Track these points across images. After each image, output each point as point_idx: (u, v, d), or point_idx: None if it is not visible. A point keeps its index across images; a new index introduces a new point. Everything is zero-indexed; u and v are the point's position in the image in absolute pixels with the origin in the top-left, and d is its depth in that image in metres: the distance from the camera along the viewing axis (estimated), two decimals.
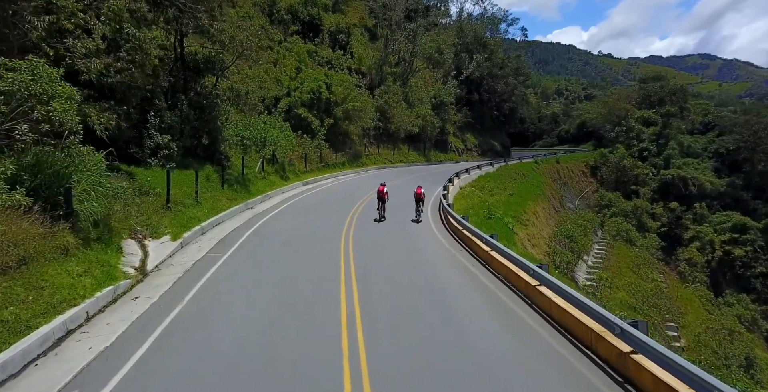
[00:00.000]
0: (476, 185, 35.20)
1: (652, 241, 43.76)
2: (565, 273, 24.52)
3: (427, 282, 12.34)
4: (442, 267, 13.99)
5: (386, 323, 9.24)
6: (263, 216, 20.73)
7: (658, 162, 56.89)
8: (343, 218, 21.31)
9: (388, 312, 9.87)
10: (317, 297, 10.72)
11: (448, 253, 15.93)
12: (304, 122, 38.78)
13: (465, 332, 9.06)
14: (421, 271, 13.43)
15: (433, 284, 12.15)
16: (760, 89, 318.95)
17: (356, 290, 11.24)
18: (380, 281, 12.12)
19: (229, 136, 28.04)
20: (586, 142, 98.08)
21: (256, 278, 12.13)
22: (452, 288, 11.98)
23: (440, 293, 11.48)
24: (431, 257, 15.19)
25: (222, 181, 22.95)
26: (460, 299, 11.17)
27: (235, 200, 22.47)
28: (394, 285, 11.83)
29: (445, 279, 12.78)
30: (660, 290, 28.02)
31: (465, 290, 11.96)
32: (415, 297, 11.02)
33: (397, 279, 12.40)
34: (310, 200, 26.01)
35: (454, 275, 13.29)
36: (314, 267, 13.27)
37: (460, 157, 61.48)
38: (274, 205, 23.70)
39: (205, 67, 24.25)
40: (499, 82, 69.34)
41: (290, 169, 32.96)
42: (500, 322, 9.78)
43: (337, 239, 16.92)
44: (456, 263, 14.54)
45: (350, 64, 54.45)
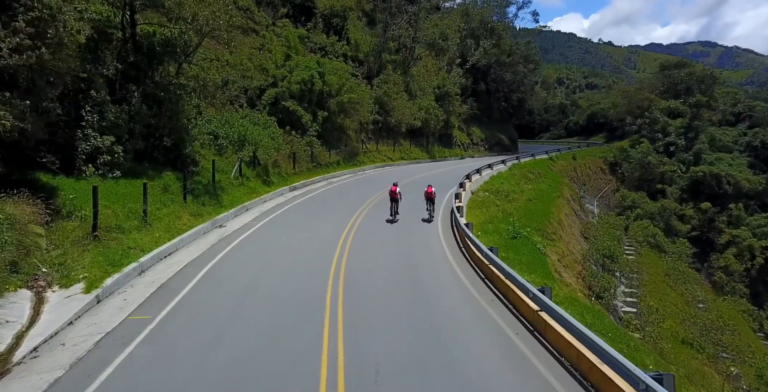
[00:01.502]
0: (490, 189, 30.77)
1: (683, 247, 39.39)
2: (608, 302, 20.21)
3: (449, 368, 7.97)
4: (473, 336, 9.56)
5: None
6: (231, 240, 16.28)
7: (687, 158, 52.08)
8: (335, 238, 16.90)
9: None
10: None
11: (476, 306, 11.51)
12: (293, 117, 34.22)
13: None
14: (443, 347, 9.03)
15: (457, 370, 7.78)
16: (761, 77, 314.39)
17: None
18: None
19: (199, 135, 23.57)
20: (596, 134, 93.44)
21: (193, 365, 7.76)
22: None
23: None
24: (454, 318, 10.59)
25: (184, 192, 18.49)
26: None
27: (200, 217, 18.04)
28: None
29: (479, 359, 8.38)
30: (713, 320, 23.72)
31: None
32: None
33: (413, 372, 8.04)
34: (294, 212, 21.55)
35: (492, 353, 8.86)
36: (287, 336, 8.93)
37: (465, 152, 56.96)
38: (249, 221, 19.25)
39: (164, 51, 19.65)
40: (507, 70, 64.48)
41: (275, 172, 28.49)
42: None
43: (323, 278, 12.52)
44: (489, 326, 10.12)
45: (346, 51, 49.64)
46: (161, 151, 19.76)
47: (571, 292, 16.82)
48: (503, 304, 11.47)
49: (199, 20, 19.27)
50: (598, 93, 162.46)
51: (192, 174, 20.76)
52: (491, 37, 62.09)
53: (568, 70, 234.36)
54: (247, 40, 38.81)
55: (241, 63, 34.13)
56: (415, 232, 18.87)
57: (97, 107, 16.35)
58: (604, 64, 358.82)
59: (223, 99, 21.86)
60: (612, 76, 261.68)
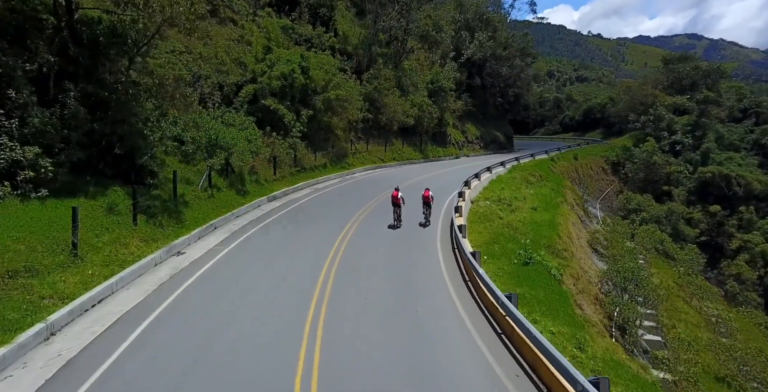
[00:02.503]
0: (491, 196, 27.97)
1: (693, 254, 36.95)
2: (632, 335, 17.53)
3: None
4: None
5: None
6: (185, 277, 13.23)
7: (694, 158, 49.42)
8: (315, 271, 13.96)
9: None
10: None
11: (495, 381, 8.68)
12: (274, 116, 31.10)
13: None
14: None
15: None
16: (745, 69, 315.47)
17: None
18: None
19: (162, 140, 20.45)
20: (593, 130, 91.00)
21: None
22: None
23: None
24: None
25: (135, 212, 15.41)
26: None
27: (154, 243, 15.00)
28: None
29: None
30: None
31: None
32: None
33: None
34: (269, 231, 18.51)
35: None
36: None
37: (460, 151, 54.09)
38: (214, 246, 16.23)
39: (111, 43, 16.47)
40: (503, 64, 61.46)
41: (252, 179, 25.43)
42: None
43: (294, 342, 9.60)
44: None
45: (333, 43, 46.42)
46: (109, 162, 16.64)
47: (606, 345, 14.07)
48: (532, 382, 8.60)
49: (153, 6, 16.10)
50: (589, 86, 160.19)
51: (149, 188, 17.70)
52: (487, 29, 59.03)
53: (559, 63, 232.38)
54: (223, 30, 35.44)
55: (216, 56, 30.84)
56: (413, 257, 16.01)
57: (17, 111, 13.22)
58: (593, 57, 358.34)
59: (187, 99, 18.73)
60: (602, 69, 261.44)
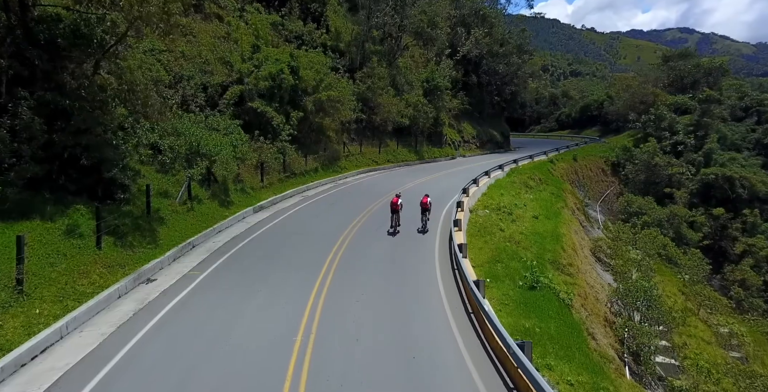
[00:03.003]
0: (490, 204, 26.49)
1: (697, 259, 35.65)
2: (647, 363, 16.10)
3: None
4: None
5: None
6: (151, 314, 11.57)
7: (696, 159, 48.04)
8: (300, 306, 12.42)
9: None
10: None
11: None
12: (261, 119, 29.45)
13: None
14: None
15: None
16: (737, 64, 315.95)
17: None
18: None
19: (137, 149, 18.84)
20: (590, 127, 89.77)
21: None
22: None
23: None
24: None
25: (99, 234, 13.80)
26: None
27: (120, 269, 13.42)
28: None
29: None
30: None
31: None
32: None
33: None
34: (252, 253, 16.81)
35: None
36: None
37: (456, 151, 52.58)
38: (189, 271, 14.61)
39: (73, 44, 14.78)
40: (500, 62, 59.79)
41: (236, 188, 23.82)
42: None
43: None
44: None
45: (325, 41, 44.68)
46: (72, 176, 15.00)
47: (627, 386, 12.61)
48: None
49: (120, 4, 14.43)
50: (583, 81, 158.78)
51: (120, 204, 16.06)
52: (483, 26, 57.41)
53: (553, 57, 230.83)
54: (208, 27, 33.66)
55: (200, 55, 29.11)
56: (410, 285, 14.49)
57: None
58: (587, 51, 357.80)
59: (164, 104, 17.05)
60: (595, 63, 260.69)
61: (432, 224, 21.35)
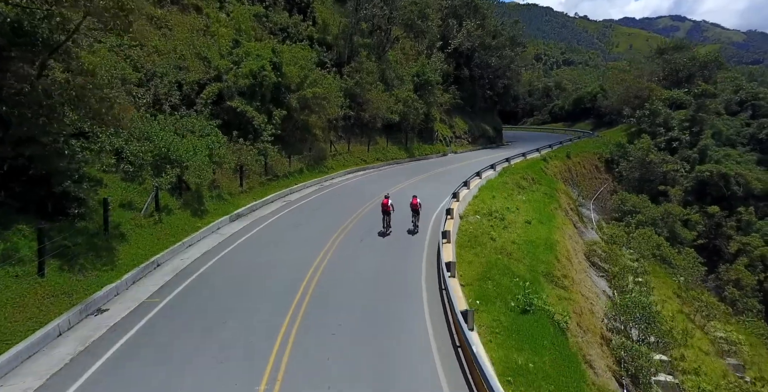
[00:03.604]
0: (481, 209, 25.25)
1: (691, 259, 34.78)
2: (645, 385, 15.09)
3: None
4: None
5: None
6: (96, 356, 10.18)
7: (691, 155, 46.98)
8: (268, 343, 11.14)
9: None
10: None
11: None
12: (242, 119, 27.97)
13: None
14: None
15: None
16: (727, 51, 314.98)
17: None
18: None
19: (98, 154, 17.39)
20: (583, 120, 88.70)
21: None
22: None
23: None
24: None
25: (41, 258, 12.40)
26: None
27: (66, 299, 12.05)
28: None
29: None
30: None
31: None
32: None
33: None
34: (221, 273, 15.40)
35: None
36: None
37: (447, 148, 51.25)
38: (148, 298, 13.22)
39: (12, 43, 13.24)
40: (492, 54, 58.27)
41: (212, 195, 22.37)
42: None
43: None
44: None
45: (312, 33, 43.03)
46: (15, 190, 13.57)
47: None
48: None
49: None
50: (576, 70, 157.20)
51: (74, 220, 14.65)
52: (475, 17, 55.78)
53: (546, 46, 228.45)
54: (186, 19, 31.83)
55: (175, 50, 27.42)
56: (392, 313, 13.28)
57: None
58: (580, 39, 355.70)
59: (120, 110, 15.46)
60: (588, 52, 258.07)
61: (420, 236, 20.25)
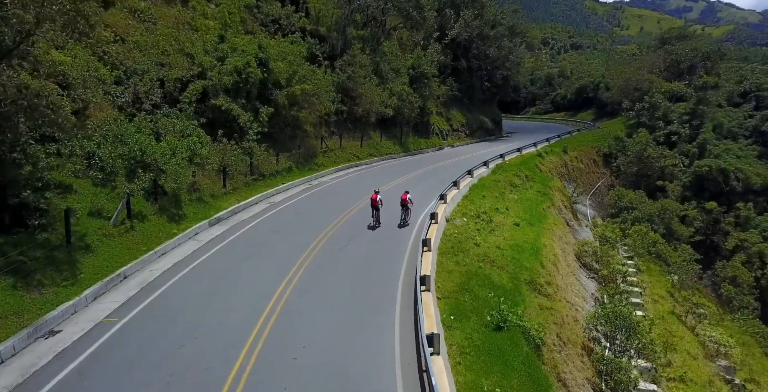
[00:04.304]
0: (469, 211, 24.77)
1: (687, 255, 34.22)
2: None
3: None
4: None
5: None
6: (37, 388, 9.91)
7: (690, 150, 45.97)
8: (224, 372, 10.80)
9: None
10: None
11: None
12: (227, 117, 27.44)
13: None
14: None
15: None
16: (741, 33, 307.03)
17: None
18: None
19: (70, 157, 17.05)
20: (585, 109, 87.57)
21: None
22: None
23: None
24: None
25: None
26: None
27: (16, 319, 11.71)
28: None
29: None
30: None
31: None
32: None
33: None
34: (192, 283, 15.04)
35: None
36: None
37: (444, 141, 50.57)
38: (107, 316, 12.80)
39: None
40: (491, 45, 57.10)
41: (192, 198, 21.95)
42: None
43: None
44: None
45: (305, 24, 42.22)
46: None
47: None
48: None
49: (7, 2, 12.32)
50: (583, 54, 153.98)
51: (35, 231, 14.30)
52: (473, 7, 54.54)
53: (553, 30, 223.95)
54: (170, 12, 31.12)
55: (157, 46, 26.77)
56: (362, 331, 12.91)
57: None
58: (589, 23, 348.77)
59: (72, 118, 14.64)
60: (597, 35, 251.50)
61: (404, 239, 19.81)
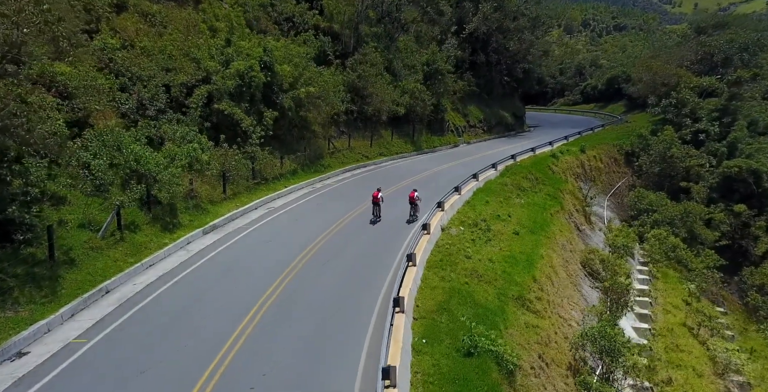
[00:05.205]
0: (467, 218, 24.31)
1: (710, 261, 32.69)
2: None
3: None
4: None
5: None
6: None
7: (719, 149, 43.63)
8: None
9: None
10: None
11: None
12: (231, 121, 27.70)
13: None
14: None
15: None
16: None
17: None
18: None
19: (66, 167, 17.56)
20: (616, 101, 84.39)
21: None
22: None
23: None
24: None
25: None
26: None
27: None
28: None
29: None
30: None
31: None
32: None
33: None
34: (173, 299, 15.18)
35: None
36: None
37: (460, 138, 49.77)
38: (77, 337, 12.67)
39: None
40: (511, 38, 55.54)
41: (189, 205, 22.26)
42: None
43: None
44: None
45: (318, 22, 42.13)
46: None
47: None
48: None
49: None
50: (627, 35, 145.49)
51: (20, 246, 14.75)
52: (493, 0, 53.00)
53: (595, 11, 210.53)
54: (181, 14, 31.42)
55: (163, 51, 27.12)
56: (328, 357, 12.89)
57: None
58: (636, 1, 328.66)
59: (49, 141, 14.72)
60: (644, 14, 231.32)
61: (387, 260, 18.93)
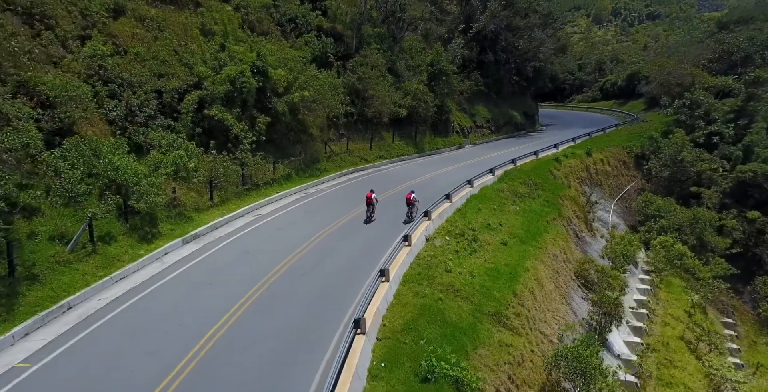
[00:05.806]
0: (455, 228, 23.71)
1: (720, 270, 31.44)
2: None
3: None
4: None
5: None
6: None
7: (734, 152, 41.80)
8: None
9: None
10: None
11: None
12: (221, 127, 27.62)
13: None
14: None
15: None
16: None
17: None
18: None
19: (42, 178, 17.67)
20: (636, 98, 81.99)
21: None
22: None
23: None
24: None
25: None
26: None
27: None
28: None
29: None
30: None
31: None
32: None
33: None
34: (135, 316, 14.84)
35: None
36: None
37: (465, 139, 48.89)
38: (21, 361, 12.27)
39: None
40: (521, 37, 54.21)
41: (171, 214, 22.23)
42: None
43: None
44: None
45: (321, 23, 41.84)
46: None
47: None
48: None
49: None
50: (661, 24, 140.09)
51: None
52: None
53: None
54: (179, 18, 31.45)
55: (156, 57, 27.17)
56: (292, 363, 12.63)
57: None
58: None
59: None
60: (680, 2, 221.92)
61: (367, 271, 18.62)
